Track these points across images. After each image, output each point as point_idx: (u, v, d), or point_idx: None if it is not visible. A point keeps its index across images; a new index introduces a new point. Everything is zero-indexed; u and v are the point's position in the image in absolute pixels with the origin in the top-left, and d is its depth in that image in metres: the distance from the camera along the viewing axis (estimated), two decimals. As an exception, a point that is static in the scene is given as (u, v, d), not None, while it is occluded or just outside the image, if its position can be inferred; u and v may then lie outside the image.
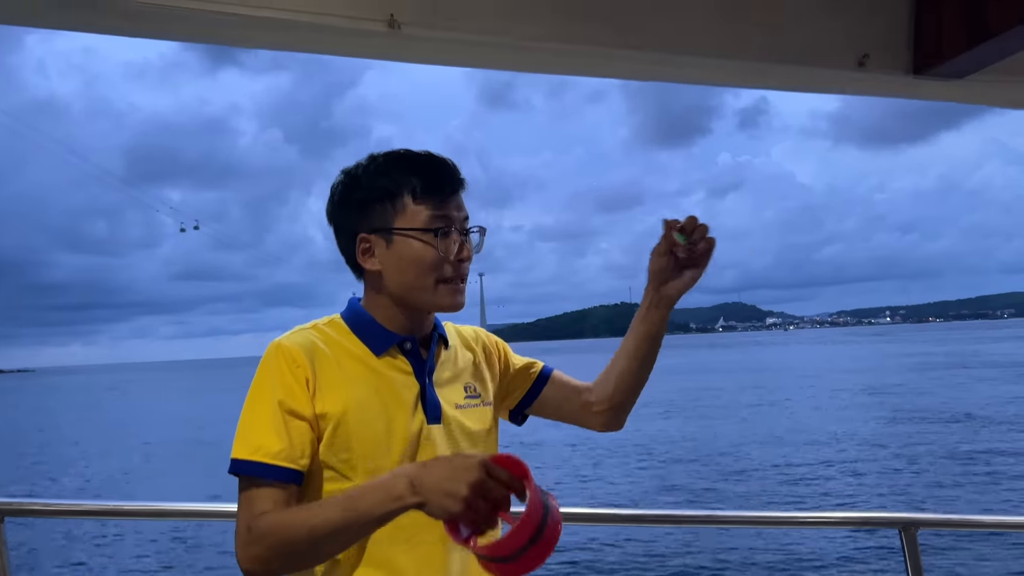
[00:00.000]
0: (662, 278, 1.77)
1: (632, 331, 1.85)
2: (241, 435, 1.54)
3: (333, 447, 1.56)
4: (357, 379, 1.60)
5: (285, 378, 1.55)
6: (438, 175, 1.64)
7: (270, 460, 1.51)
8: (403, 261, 1.62)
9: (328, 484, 1.57)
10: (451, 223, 1.64)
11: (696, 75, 2.15)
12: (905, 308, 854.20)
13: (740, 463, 22.40)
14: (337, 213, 1.69)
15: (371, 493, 1.43)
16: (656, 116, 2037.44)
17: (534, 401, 1.92)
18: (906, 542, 2.53)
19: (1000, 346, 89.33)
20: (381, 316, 1.67)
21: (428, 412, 1.64)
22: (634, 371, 1.86)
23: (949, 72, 2.06)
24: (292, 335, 1.62)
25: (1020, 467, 20.07)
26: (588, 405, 1.90)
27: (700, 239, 1.71)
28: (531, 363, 1.93)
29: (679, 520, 2.88)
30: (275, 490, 1.51)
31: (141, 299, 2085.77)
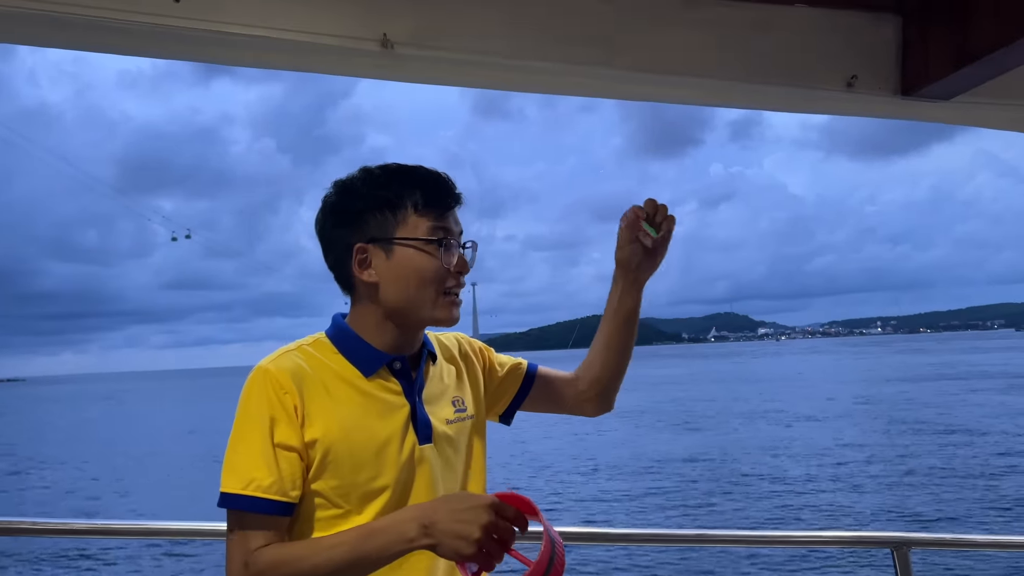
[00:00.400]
0: (632, 264, 1.82)
1: (610, 318, 1.88)
2: (230, 467, 1.50)
3: (324, 475, 1.53)
4: (346, 403, 1.57)
5: (273, 406, 1.51)
6: (440, 188, 1.65)
7: (262, 494, 1.47)
8: (404, 271, 1.60)
9: (320, 511, 1.55)
10: (451, 235, 1.64)
11: (685, 96, 2.17)
12: (896, 319, 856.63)
13: (733, 478, 22.39)
14: (330, 224, 1.66)
15: (380, 535, 1.44)
16: (649, 127, 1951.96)
17: (524, 400, 1.93)
18: (898, 562, 2.53)
19: (988, 356, 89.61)
20: (369, 333, 1.65)
21: (419, 432, 1.62)
22: (617, 354, 1.91)
23: (936, 93, 2.08)
24: (278, 359, 1.58)
25: (1013, 484, 20.13)
26: (578, 394, 1.94)
27: (662, 220, 1.78)
28: (517, 364, 1.94)
29: (671, 540, 2.87)
30: (268, 524, 1.49)
31: (132, 308, 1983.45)
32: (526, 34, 1.90)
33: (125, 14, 1.67)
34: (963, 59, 1.95)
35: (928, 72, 2.03)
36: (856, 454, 25.64)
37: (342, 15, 1.81)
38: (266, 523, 1.49)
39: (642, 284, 1.85)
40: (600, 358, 1.91)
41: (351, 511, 1.55)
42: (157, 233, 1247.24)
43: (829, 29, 2.05)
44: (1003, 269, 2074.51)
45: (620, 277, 1.84)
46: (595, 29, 1.93)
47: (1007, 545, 3.78)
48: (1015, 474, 21.35)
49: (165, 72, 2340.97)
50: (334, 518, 1.55)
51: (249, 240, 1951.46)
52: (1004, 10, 1.85)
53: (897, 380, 57.85)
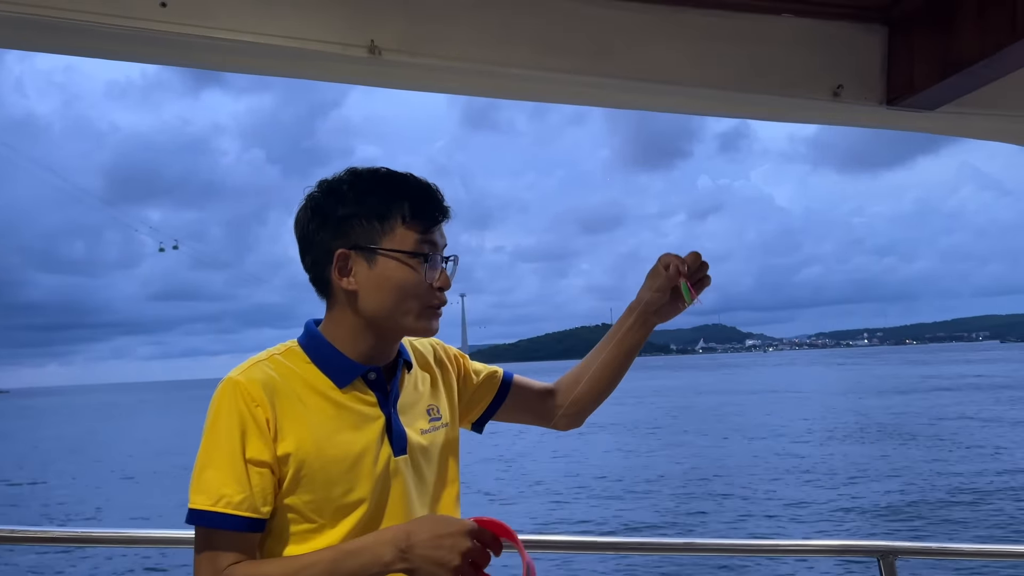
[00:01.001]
0: (652, 308, 1.80)
1: (613, 344, 1.84)
2: (199, 483, 1.46)
3: (297, 490, 1.50)
4: (320, 415, 1.53)
5: (244, 419, 1.47)
6: (429, 202, 1.61)
7: (232, 511, 1.44)
8: (385, 283, 1.56)
9: (294, 526, 1.52)
10: (437, 250, 1.61)
11: (673, 104, 2.18)
12: (883, 330, 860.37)
13: (721, 488, 22.41)
14: (312, 225, 1.60)
15: (355, 556, 1.42)
16: (637, 139, 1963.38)
17: (498, 409, 1.90)
18: (885, 571, 2.53)
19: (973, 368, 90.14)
20: (344, 342, 1.60)
21: (394, 444, 1.59)
22: (608, 380, 1.89)
23: (921, 104, 2.09)
24: (248, 370, 1.53)
25: (1001, 493, 20.22)
26: (553, 408, 1.92)
27: (700, 279, 1.76)
28: (492, 372, 1.91)
29: (657, 548, 2.86)
30: (239, 541, 1.46)
31: (118, 319, 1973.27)
32: (514, 42, 1.90)
33: (111, 18, 1.66)
34: (948, 69, 1.96)
35: (913, 82, 2.04)
36: (843, 464, 25.73)
37: (330, 21, 1.81)
38: (236, 540, 1.46)
39: (652, 327, 1.84)
40: (589, 380, 1.87)
41: (325, 525, 1.52)
42: (145, 244, 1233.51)
43: (815, 39, 2.06)
44: (988, 281, 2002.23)
45: (636, 313, 1.82)
46: (583, 37, 1.94)
47: (994, 554, 3.78)
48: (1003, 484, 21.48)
49: (154, 82, 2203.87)
50: (308, 532, 1.52)
51: (238, 251, 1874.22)
52: (988, 21, 1.86)
53: (885, 392, 58.12)
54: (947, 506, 19.12)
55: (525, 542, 1.48)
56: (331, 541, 1.51)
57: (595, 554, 13.17)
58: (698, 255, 1.74)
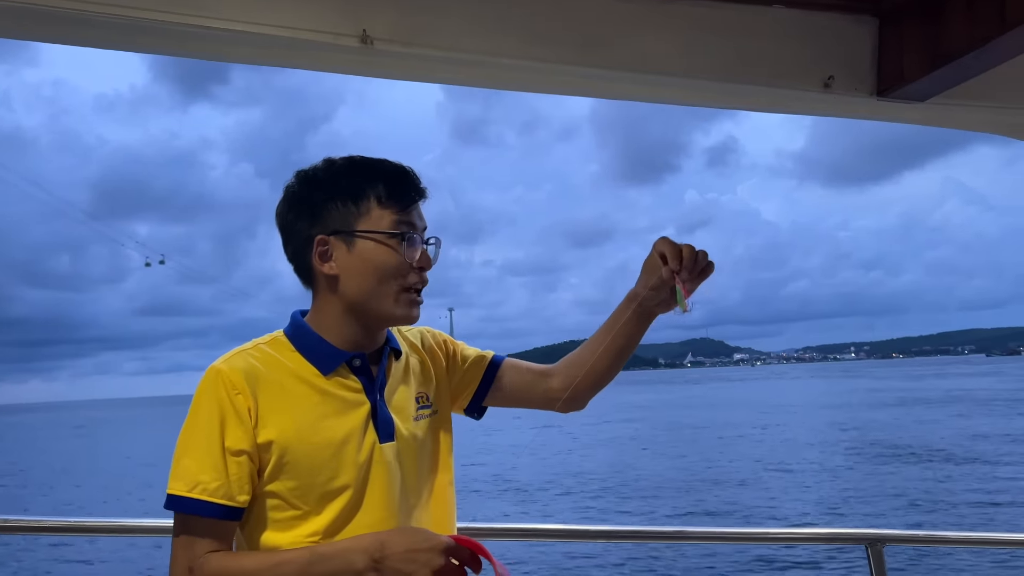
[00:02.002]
0: (654, 302, 1.74)
1: (614, 332, 1.81)
2: (177, 469, 1.47)
3: (281, 476, 1.50)
4: (303, 402, 1.54)
5: (224, 407, 1.48)
6: (404, 182, 1.61)
7: (207, 497, 1.45)
8: (365, 265, 1.56)
9: (278, 512, 1.52)
10: (415, 230, 1.61)
11: (664, 95, 2.18)
12: (869, 344, 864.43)
13: (712, 488, 22.53)
14: (291, 214, 1.62)
15: (328, 560, 1.42)
16: (626, 153, 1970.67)
17: (489, 391, 1.87)
18: (872, 558, 2.54)
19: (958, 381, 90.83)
20: (329, 330, 1.60)
21: (380, 430, 1.59)
22: (606, 366, 1.85)
23: (911, 95, 2.10)
24: (232, 358, 1.54)
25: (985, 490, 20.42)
26: (550, 391, 1.87)
27: (702, 269, 1.68)
28: (481, 355, 1.89)
29: (648, 536, 2.87)
30: (214, 528, 1.47)
31: (104, 334, 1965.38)
32: (506, 32, 1.90)
33: (107, 7, 1.66)
34: (938, 61, 1.98)
35: (903, 73, 2.05)
36: (830, 464, 25.92)
37: (322, 11, 1.81)
38: (212, 527, 1.46)
39: (649, 319, 1.79)
40: (586, 364, 1.83)
41: (310, 512, 1.52)
42: (131, 258, 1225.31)
43: (806, 30, 2.07)
44: (973, 295, 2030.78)
45: (630, 306, 1.76)
46: (575, 28, 1.94)
47: (980, 542, 3.82)
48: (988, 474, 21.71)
49: (143, 96, 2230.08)
50: (292, 519, 1.52)
51: (226, 265, 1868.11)
52: (977, 13, 1.88)
53: (874, 405, 58.46)
54: (934, 498, 19.35)
55: (517, 531, 1.49)
56: (315, 528, 1.51)
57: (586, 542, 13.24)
58: (692, 248, 1.66)
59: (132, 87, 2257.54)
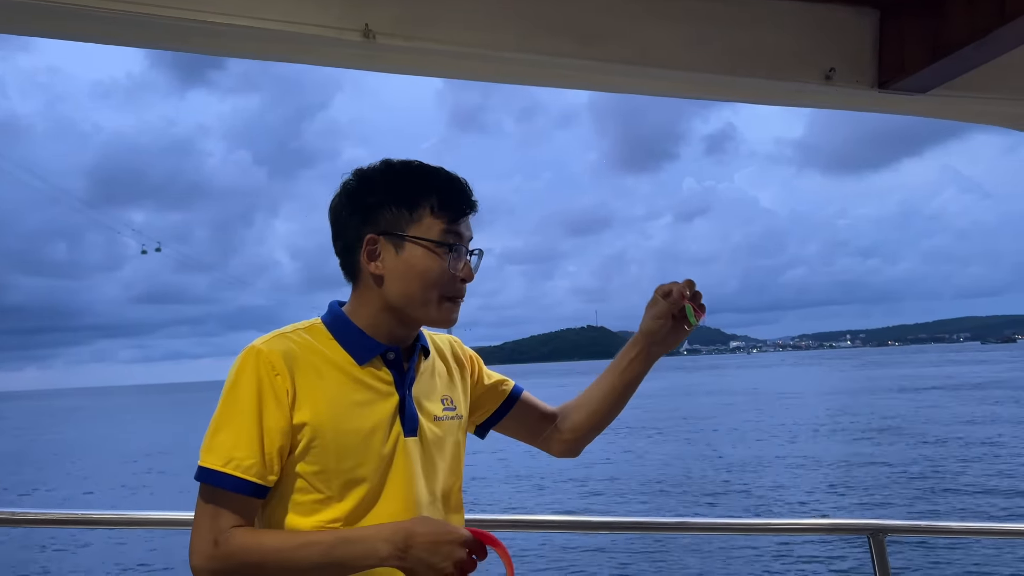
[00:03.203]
0: (656, 337, 1.82)
1: (613, 376, 1.88)
2: (212, 443, 1.50)
3: (307, 458, 1.53)
4: (337, 388, 1.58)
5: (263, 387, 1.51)
6: (458, 194, 1.65)
7: (240, 474, 1.48)
8: (411, 270, 1.60)
9: (301, 495, 1.55)
10: (462, 241, 1.65)
11: (665, 88, 2.18)
12: (865, 332, 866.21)
13: (712, 477, 22.59)
14: (345, 210, 1.66)
15: (352, 545, 1.46)
16: (624, 141, 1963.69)
17: (501, 419, 1.93)
18: (874, 549, 2.55)
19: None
20: (366, 323, 1.65)
21: (406, 425, 1.63)
22: (607, 411, 1.91)
23: (912, 87, 2.10)
24: (272, 340, 1.58)
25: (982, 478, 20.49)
26: (553, 432, 1.94)
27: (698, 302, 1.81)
28: (502, 381, 1.94)
29: (651, 527, 2.87)
30: (242, 504, 1.49)
31: (100, 322, 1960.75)
32: (508, 25, 1.90)
33: (107, 2, 1.66)
34: (938, 53, 1.98)
35: (904, 65, 2.06)
36: (830, 454, 25.99)
37: (324, 5, 1.81)
38: (240, 503, 1.49)
39: (655, 358, 1.86)
40: (589, 410, 1.91)
41: (332, 498, 1.55)
42: (128, 246, 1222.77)
43: (808, 22, 2.07)
44: (969, 283, 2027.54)
45: (639, 344, 1.85)
46: (576, 21, 1.94)
47: (982, 532, 3.84)
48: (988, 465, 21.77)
49: (140, 83, 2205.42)
50: (315, 503, 1.55)
51: (223, 253, 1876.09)
52: (978, 5, 1.88)
53: (871, 391, 58.66)
54: (935, 487, 19.40)
55: (521, 522, 1.54)
56: (336, 515, 1.54)
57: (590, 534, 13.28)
58: (692, 282, 1.80)
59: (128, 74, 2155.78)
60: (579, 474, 23.44)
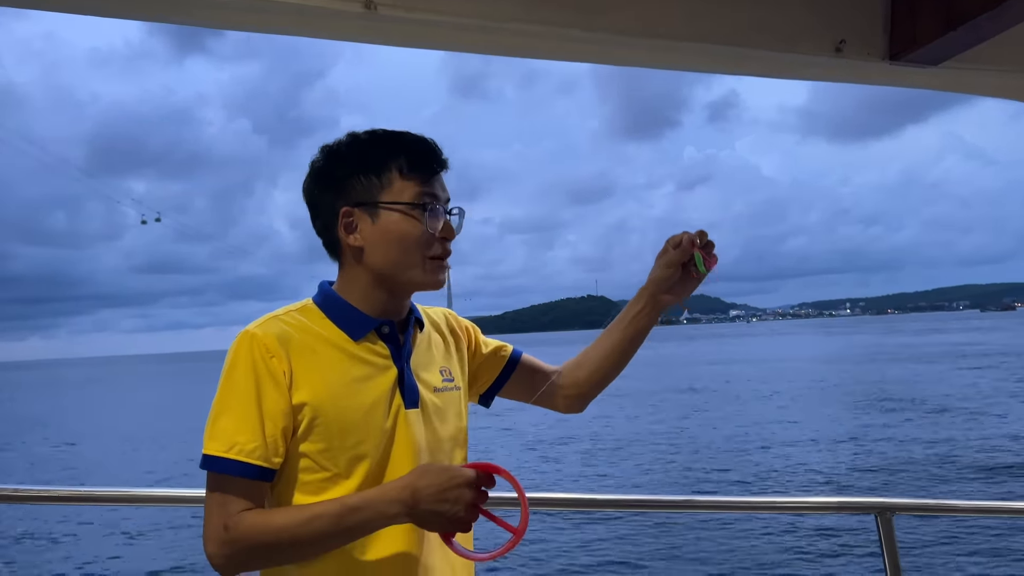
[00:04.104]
0: (663, 287, 1.82)
1: (619, 329, 1.87)
2: (213, 430, 1.50)
3: (311, 437, 1.54)
4: (334, 366, 1.58)
5: (259, 371, 1.51)
6: (425, 153, 1.64)
7: (244, 458, 1.48)
8: (389, 236, 1.60)
9: (308, 475, 1.55)
10: (437, 200, 1.64)
11: (670, 60, 2.14)
12: (865, 300, 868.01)
13: (716, 454, 22.69)
14: (316, 188, 1.66)
15: (361, 512, 1.45)
16: (627, 108, 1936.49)
17: (504, 385, 1.93)
18: (882, 527, 2.55)
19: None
20: (357, 299, 1.65)
21: (406, 397, 1.63)
22: (613, 365, 1.90)
23: (924, 59, 2.07)
24: (265, 323, 1.58)
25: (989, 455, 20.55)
26: (557, 389, 1.93)
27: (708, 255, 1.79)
28: (500, 347, 1.94)
29: (657, 506, 2.88)
30: (249, 488, 1.50)
31: (101, 292, 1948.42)
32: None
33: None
34: (951, 23, 1.94)
35: (916, 37, 2.02)
36: (835, 428, 26.09)
37: (325, -24, 1.77)
38: (247, 487, 1.50)
39: (662, 308, 1.85)
40: (594, 363, 1.91)
41: (340, 474, 1.55)
42: (127, 216, 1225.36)
43: None
44: (970, 251, 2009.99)
45: (646, 295, 1.84)
46: (580, -8, 1.91)
47: (989, 511, 3.85)
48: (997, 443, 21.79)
49: (138, 51, 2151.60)
50: (322, 481, 1.55)
51: (222, 223, 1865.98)
52: (991, -26, 1.84)
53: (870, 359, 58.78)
54: (942, 466, 19.47)
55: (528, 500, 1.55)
56: (344, 491, 1.54)
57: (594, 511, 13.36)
58: (704, 232, 1.78)
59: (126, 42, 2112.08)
60: (578, 450, 23.57)
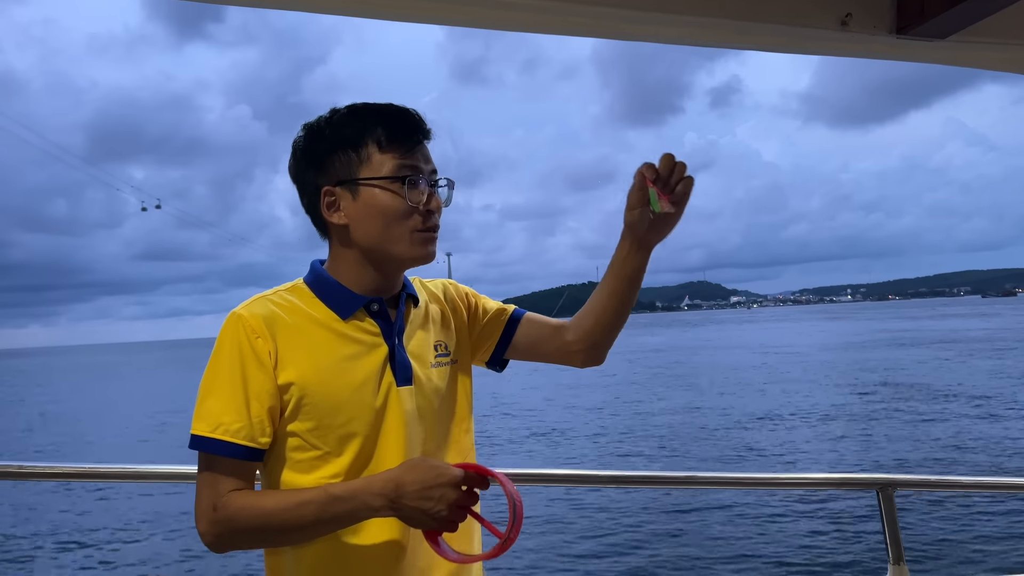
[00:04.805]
0: (639, 229, 1.72)
1: (612, 273, 1.80)
2: (200, 410, 1.51)
3: (300, 416, 1.54)
4: (321, 345, 1.57)
5: (244, 351, 1.51)
6: (403, 124, 1.60)
7: (229, 438, 1.49)
8: (371, 212, 1.58)
9: (299, 453, 1.56)
10: (419, 172, 1.60)
11: (675, 35, 2.10)
12: (866, 286, 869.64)
13: (719, 433, 22.81)
14: (300, 168, 1.65)
15: (347, 501, 1.45)
16: (628, 94, 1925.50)
17: (509, 345, 1.89)
18: (883, 503, 2.55)
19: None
20: (347, 277, 1.64)
21: (397, 374, 1.62)
22: (614, 310, 1.83)
23: (931, 32, 2.03)
24: (251, 304, 1.58)
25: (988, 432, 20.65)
26: (566, 344, 1.88)
27: (678, 182, 1.66)
28: (501, 309, 1.91)
29: (659, 482, 2.89)
30: (237, 468, 1.51)
31: (102, 279, 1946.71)
32: None
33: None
34: (959, -4, 1.91)
35: (924, 9, 1.98)
36: (836, 408, 26.21)
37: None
38: (235, 467, 1.51)
39: (650, 247, 1.76)
40: (596, 313, 1.85)
41: (330, 453, 1.55)
42: (127, 203, 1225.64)
43: None
44: (971, 237, 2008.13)
45: (627, 237, 1.76)
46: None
47: (991, 486, 3.85)
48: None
49: (137, 36, 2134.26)
50: (313, 460, 1.55)
51: (223, 210, 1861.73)
52: (1002, -56, 1.81)
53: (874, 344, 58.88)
54: (944, 443, 19.58)
55: (528, 476, 1.53)
56: (336, 470, 1.55)
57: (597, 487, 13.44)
58: (671, 156, 1.65)
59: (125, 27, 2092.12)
60: (581, 431, 23.67)
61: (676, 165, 1.65)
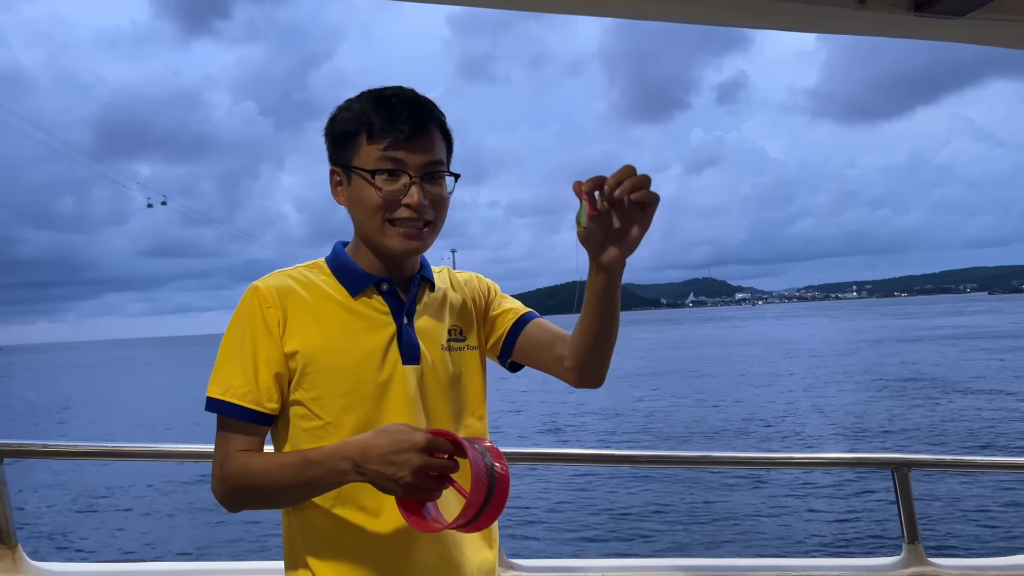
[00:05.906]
0: (590, 246, 1.54)
1: (587, 292, 1.65)
2: (216, 375, 1.59)
3: (303, 385, 1.59)
4: (330, 318, 1.63)
5: (255, 320, 1.59)
6: (394, 116, 1.58)
7: (237, 401, 1.56)
8: (356, 200, 1.63)
9: (301, 422, 1.61)
10: (402, 166, 1.59)
11: (691, 14, 2.09)
12: (872, 283, 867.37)
13: (732, 420, 22.88)
14: (326, 144, 1.70)
15: (317, 466, 1.48)
16: (635, 90, 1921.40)
17: (514, 345, 1.84)
18: (899, 482, 2.54)
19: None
20: (358, 256, 1.70)
21: (404, 352, 1.64)
22: (592, 331, 1.67)
23: (949, 10, 2.02)
24: (269, 278, 1.65)
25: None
26: (560, 357, 1.77)
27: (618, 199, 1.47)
28: (513, 307, 1.86)
29: (673, 461, 2.89)
30: (246, 430, 1.58)
31: (108, 276, 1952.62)
32: None
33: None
34: (978, -28, 1.89)
35: (942, -13, 1.97)
36: (848, 397, 26.26)
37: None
38: (243, 429, 1.58)
39: (609, 268, 1.55)
40: (579, 332, 1.70)
41: (332, 423, 1.59)
42: (134, 199, 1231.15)
43: None
44: (977, 233, 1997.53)
45: (589, 255, 1.57)
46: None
47: (1006, 466, 3.85)
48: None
49: (145, 32, 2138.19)
50: (316, 429, 1.60)
51: (229, 206, 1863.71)
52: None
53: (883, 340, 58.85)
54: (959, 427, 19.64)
55: (544, 455, 1.47)
56: (338, 439, 1.55)
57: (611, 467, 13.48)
58: (630, 168, 1.45)
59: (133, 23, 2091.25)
60: (603, 425, 23.79)
61: (624, 181, 1.45)
